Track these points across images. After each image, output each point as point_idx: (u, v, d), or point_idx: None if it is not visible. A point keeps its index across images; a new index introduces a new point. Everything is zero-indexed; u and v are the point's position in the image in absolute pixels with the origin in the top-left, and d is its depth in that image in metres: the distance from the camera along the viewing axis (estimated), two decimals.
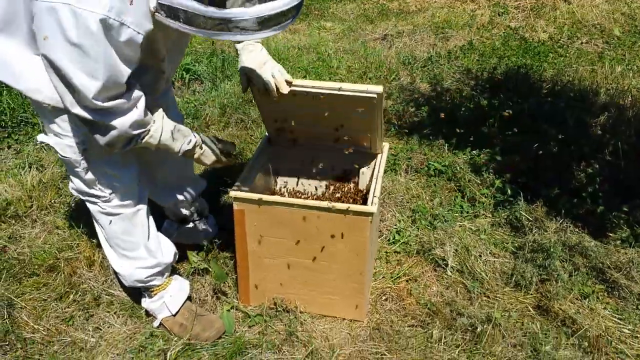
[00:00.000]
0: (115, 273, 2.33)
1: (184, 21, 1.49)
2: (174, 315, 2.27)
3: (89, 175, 1.96)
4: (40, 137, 1.94)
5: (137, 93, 1.74)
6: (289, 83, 2.11)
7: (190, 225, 2.68)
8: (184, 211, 2.61)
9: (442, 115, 3.68)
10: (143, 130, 1.80)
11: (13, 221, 2.89)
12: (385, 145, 2.49)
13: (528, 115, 3.79)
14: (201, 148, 2.06)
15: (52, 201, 3.03)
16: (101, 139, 1.73)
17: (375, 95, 2.08)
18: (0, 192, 2.99)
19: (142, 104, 1.76)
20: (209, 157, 2.09)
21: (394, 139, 3.71)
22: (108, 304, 2.41)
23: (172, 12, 1.50)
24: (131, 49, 1.59)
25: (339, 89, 2.11)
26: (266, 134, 2.58)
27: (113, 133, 1.71)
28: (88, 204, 2.08)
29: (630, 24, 5.65)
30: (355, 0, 7.04)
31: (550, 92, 4.19)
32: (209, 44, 5.12)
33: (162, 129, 1.88)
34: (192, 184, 2.56)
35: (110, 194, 2.02)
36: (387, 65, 4.83)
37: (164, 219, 2.68)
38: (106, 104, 1.64)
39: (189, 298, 2.35)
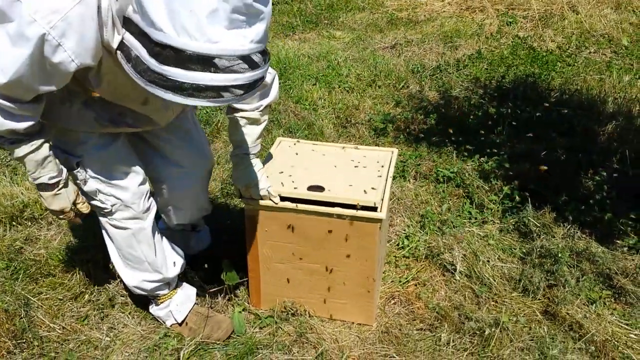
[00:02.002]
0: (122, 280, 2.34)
1: (132, 65, 1.45)
2: (180, 324, 2.30)
3: (88, 187, 1.98)
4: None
5: (33, 110, 1.67)
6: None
7: (184, 235, 2.64)
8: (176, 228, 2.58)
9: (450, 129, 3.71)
10: (13, 138, 1.71)
11: (29, 223, 2.95)
12: (394, 152, 2.53)
13: (536, 124, 3.82)
14: (61, 189, 1.87)
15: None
16: None
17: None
18: (17, 195, 3.05)
19: (28, 123, 1.68)
20: (57, 202, 1.88)
21: (403, 145, 3.75)
22: (123, 305, 2.45)
23: (127, 54, 1.48)
24: (59, 72, 1.54)
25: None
26: (278, 139, 2.63)
27: None
28: (98, 215, 2.10)
29: (639, 33, 5.68)
30: (365, 10, 7.11)
31: (558, 100, 4.23)
32: None
33: (36, 148, 1.74)
34: (201, 213, 2.55)
35: (112, 206, 2.02)
36: (396, 74, 4.89)
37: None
38: None
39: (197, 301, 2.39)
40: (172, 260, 2.23)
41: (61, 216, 1.93)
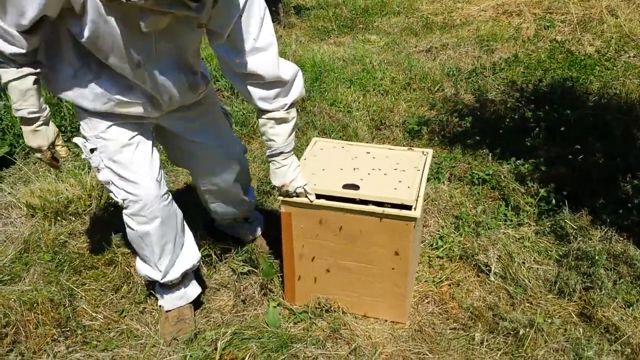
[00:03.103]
0: None
1: None
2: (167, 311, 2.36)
3: (102, 176, 2.05)
4: (74, 139, 2.08)
5: (25, 41, 1.74)
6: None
7: (236, 224, 2.78)
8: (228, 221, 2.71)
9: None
10: (2, 59, 1.79)
11: (73, 218, 3.06)
12: (429, 152, 2.54)
13: (574, 127, 3.78)
14: (41, 126, 1.94)
15: (110, 201, 3.19)
16: None
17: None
18: (62, 191, 3.16)
19: (16, 50, 1.76)
20: (35, 139, 1.95)
21: (438, 148, 3.76)
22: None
23: None
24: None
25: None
26: (313, 139, 2.67)
27: None
28: None
29: None
30: (400, 14, 7.13)
31: (596, 104, 4.17)
32: None
33: (21, 77, 1.82)
34: (240, 204, 2.61)
35: (123, 200, 2.06)
36: (431, 77, 4.89)
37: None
38: None
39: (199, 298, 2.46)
40: (177, 267, 2.27)
41: (38, 155, 1.99)
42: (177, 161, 2.48)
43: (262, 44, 1.92)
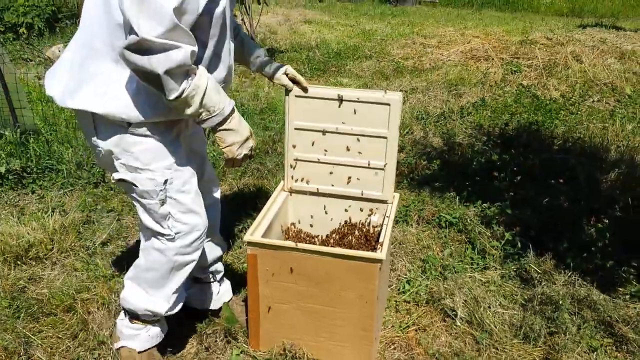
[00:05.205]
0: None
1: None
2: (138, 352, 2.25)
3: (163, 209, 1.92)
4: (116, 175, 1.89)
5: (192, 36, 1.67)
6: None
7: (203, 288, 2.57)
8: (197, 273, 2.48)
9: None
10: (191, 69, 1.67)
11: (34, 262, 2.98)
12: (396, 196, 2.56)
13: (539, 171, 3.85)
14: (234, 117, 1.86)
15: (73, 244, 3.12)
16: (165, 65, 1.59)
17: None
18: (23, 235, 3.09)
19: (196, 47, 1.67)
20: (244, 125, 1.90)
21: (406, 190, 3.78)
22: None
23: None
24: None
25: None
26: (281, 181, 2.67)
27: (178, 57, 1.59)
28: (146, 240, 2.05)
29: None
30: (372, 58, 7.27)
31: (561, 148, 4.26)
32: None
33: (208, 76, 1.74)
34: (214, 245, 2.50)
35: (176, 234, 1.97)
36: (400, 120, 4.96)
37: None
38: (178, 28, 1.58)
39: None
40: (177, 303, 2.22)
41: (250, 142, 1.94)
42: None
43: None
